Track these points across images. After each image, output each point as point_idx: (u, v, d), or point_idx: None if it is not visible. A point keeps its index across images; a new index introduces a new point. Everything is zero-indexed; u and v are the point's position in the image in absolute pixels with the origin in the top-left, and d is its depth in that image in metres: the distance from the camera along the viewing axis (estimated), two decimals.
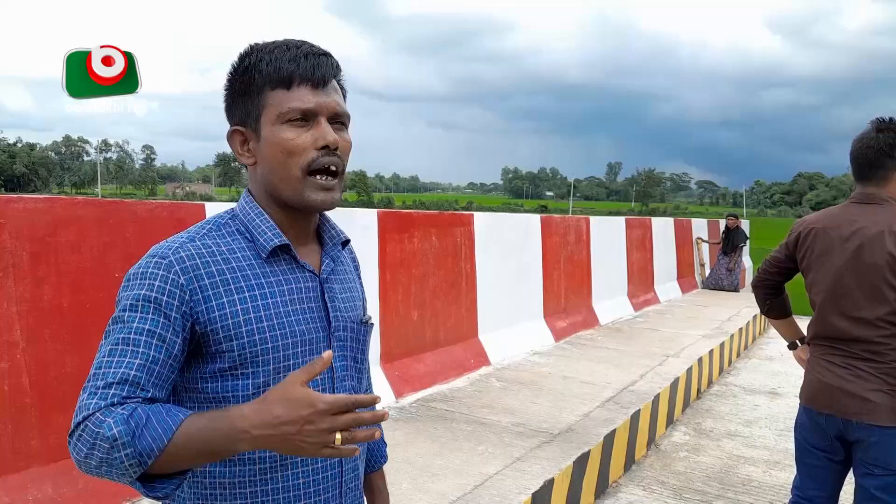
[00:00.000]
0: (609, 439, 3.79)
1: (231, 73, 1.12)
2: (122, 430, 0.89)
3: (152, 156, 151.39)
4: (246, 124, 1.10)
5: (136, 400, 0.94)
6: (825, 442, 2.38)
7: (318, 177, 1.08)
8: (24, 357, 2.55)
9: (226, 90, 1.13)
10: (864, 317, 2.22)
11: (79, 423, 0.92)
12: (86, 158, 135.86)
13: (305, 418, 0.86)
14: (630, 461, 4.13)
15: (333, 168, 1.09)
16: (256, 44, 1.12)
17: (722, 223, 12.49)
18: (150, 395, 0.96)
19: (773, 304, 2.63)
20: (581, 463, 3.43)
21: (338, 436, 0.87)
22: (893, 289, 2.17)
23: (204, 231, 1.09)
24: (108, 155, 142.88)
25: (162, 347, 0.99)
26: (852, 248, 2.25)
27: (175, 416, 0.92)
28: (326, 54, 1.11)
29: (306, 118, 1.07)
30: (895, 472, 2.19)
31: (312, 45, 1.11)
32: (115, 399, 0.93)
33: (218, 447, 0.91)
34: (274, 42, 1.11)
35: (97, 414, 0.91)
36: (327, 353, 0.89)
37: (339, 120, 1.11)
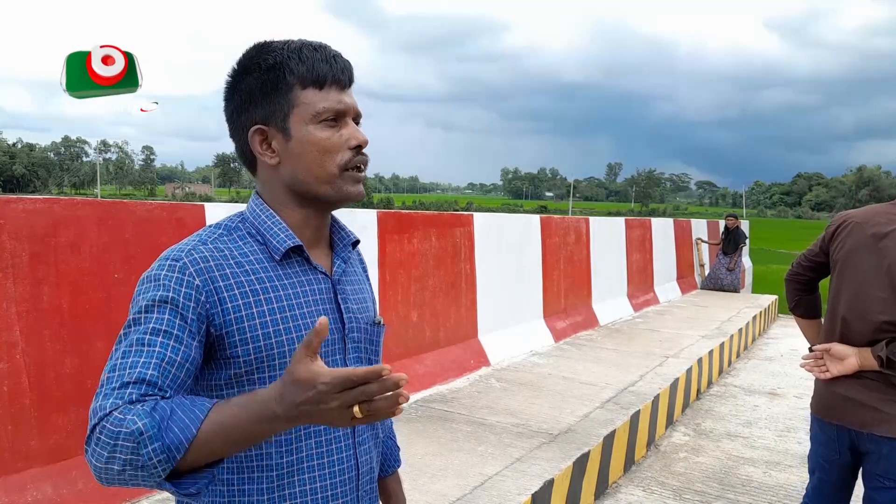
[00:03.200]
0: (609, 440, 3.79)
1: (247, 71, 1.09)
2: (148, 423, 0.84)
3: (151, 156, 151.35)
4: (269, 123, 1.08)
5: (154, 399, 0.89)
6: (834, 454, 2.28)
7: (352, 171, 1.10)
8: (23, 358, 2.55)
9: (238, 88, 1.10)
10: (881, 321, 2.09)
11: (95, 427, 0.87)
12: (85, 159, 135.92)
13: (314, 398, 0.81)
14: (630, 462, 4.13)
15: (363, 166, 1.12)
16: (271, 42, 1.10)
17: (721, 223, 12.50)
18: (168, 395, 0.92)
19: (802, 301, 2.47)
20: (581, 463, 3.43)
21: (356, 410, 0.82)
22: None
23: (215, 235, 1.08)
24: (108, 155, 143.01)
25: (178, 349, 0.96)
26: (883, 248, 2.11)
27: (201, 405, 0.88)
28: (345, 57, 1.13)
29: (336, 118, 1.09)
30: None
31: (332, 48, 1.12)
32: (133, 397, 0.89)
33: (252, 432, 0.87)
34: (291, 41, 1.10)
35: (115, 413, 0.86)
36: (322, 320, 0.82)
37: (357, 119, 1.13)
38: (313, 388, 0.81)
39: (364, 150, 1.11)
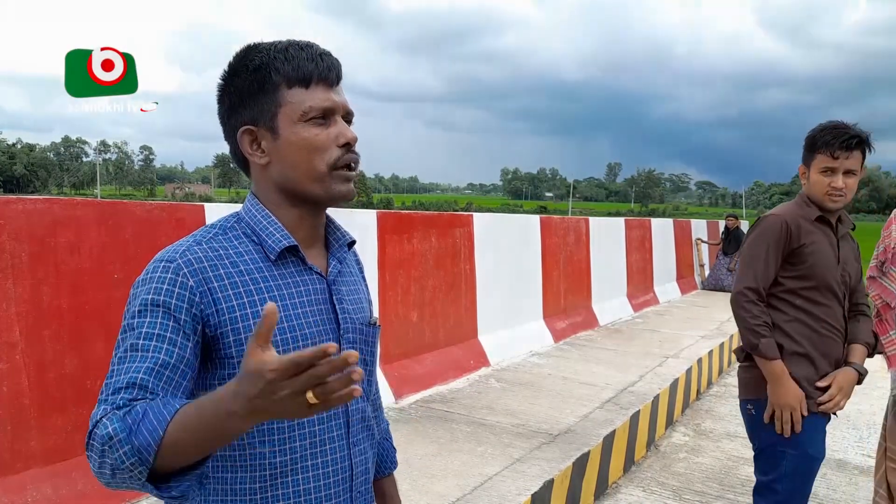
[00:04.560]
0: (608, 440, 3.79)
1: (236, 73, 1.10)
2: (118, 427, 0.86)
3: (151, 156, 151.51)
4: (258, 123, 1.09)
5: (142, 402, 0.90)
6: None
7: (341, 170, 1.09)
8: (23, 358, 2.55)
9: (228, 90, 1.11)
10: None
11: (89, 434, 0.90)
12: (85, 159, 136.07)
13: (265, 390, 0.78)
14: (629, 462, 4.13)
15: (353, 164, 1.11)
16: (259, 43, 1.11)
17: (721, 224, 12.50)
18: (160, 398, 0.92)
19: None
20: (581, 464, 3.43)
21: (309, 395, 0.78)
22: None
23: (210, 235, 1.08)
24: (107, 156, 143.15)
25: (172, 351, 0.97)
26: None
27: (171, 406, 0.87)
28: (332, 55, 1.13)
29: (325, 116, 1.08)
30: (755, 446, 2.41)
31: (320, 46, 1.12)
32: (121, 402, 0.91)
33: (216, 432, 0.85)
34: (278, 42, 1.10)
35: (103, 420, 0.89)
36: (269, 305, 0.78)
37: (348, 118, 1.13)
38: (262, 379, 0.77)
39: (354, 149, 1.11)
